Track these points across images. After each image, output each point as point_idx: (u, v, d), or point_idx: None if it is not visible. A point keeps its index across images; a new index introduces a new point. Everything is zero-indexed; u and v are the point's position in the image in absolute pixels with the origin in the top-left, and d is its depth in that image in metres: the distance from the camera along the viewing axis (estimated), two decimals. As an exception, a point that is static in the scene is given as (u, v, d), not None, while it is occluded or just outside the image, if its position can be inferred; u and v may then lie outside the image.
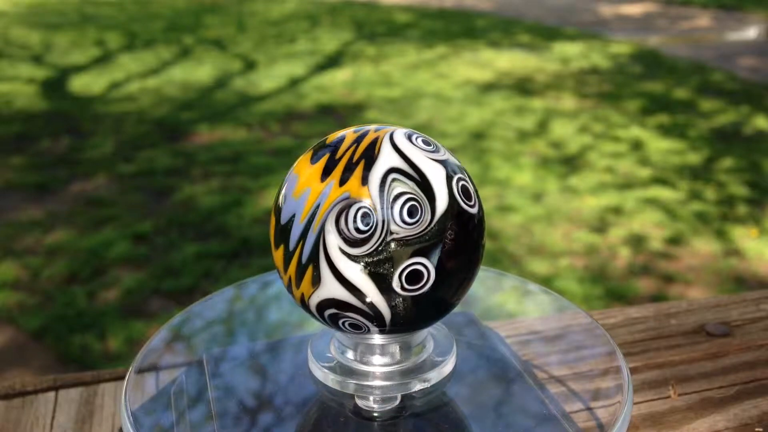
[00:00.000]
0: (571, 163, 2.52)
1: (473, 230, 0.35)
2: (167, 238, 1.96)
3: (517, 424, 0.34)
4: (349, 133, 0.36)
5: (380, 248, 0.33)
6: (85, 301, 1.64)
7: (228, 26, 5.23)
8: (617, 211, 2.14)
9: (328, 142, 0.36)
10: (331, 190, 0.33)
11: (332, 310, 0.34)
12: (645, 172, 2.44)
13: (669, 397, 0.36)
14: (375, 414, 0.35)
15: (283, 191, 0.35)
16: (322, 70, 3.92)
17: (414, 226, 0.33)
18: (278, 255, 0.35)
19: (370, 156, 0.34)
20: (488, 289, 0.46)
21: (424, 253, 0.33)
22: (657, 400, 0.36)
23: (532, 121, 2.99)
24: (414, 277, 0.33)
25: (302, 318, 0.46)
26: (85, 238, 1.95)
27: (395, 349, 0.37)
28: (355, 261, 0.33)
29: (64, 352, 1.46)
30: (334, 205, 0.33)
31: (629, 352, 0.41)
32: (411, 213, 0.33)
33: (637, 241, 1.95)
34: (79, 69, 3.94)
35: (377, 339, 0.36)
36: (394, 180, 0.33)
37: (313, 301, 0.34)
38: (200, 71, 3.89)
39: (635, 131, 2.87)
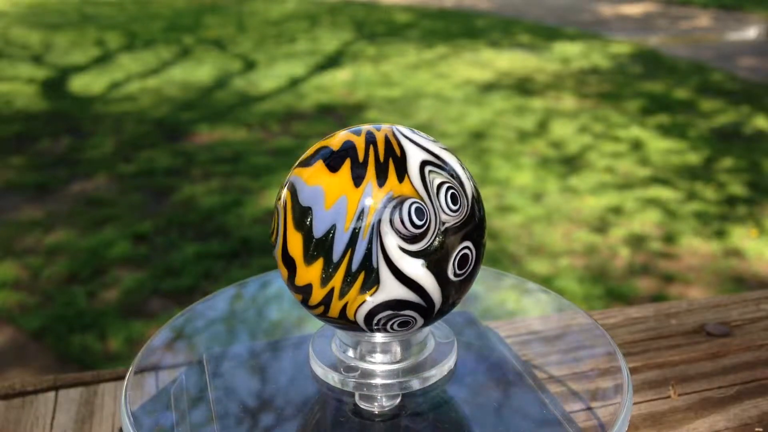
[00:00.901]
0: (571, 163, 2.52)
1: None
2: (167, 238, 1.96)
3: (517, 424, 0.34)
4: (350, 136, 0.35)
5: (437, 240, 0.33)
6: (85, 301, 1.64)
7: (228, 26, 5.23)
8: (617, 211, 2.14)
9: (335, 149, 0.35)
10: (373, 193, 0.33)
11: (386, 313, 0.34)
12: (645, 172, 2.44)
13: (669, 397, 0.36)
14: (375, 413, 0.35)
15: (305, 206, 0.34)
16: (322, 70, 3.92)
17: (458, 212, 0.34)
18: (313, 271, 0.34)
19: (395, 153, 0.34)
20: (488, 289, 0.46)
21: (469, 236, 0.35)
22: (657, 400, 0.36)
23: (532, 121, 2.99)
24: (463, 261, 0.35)
25: (302, 317, 0.46)
26: (85, 238, 1.95)
27: (396, 347, 0.37)
28: (417, 257, 0.33)
29: (64, 352, 1.46)
30: (384, 207, 0.33)
31: (629, 352, 0.41)
32: (454, 200, 0.34)
33: (637, 241, 1.95)
34: (79, 69, 3.94)
35: (379, 337, 0.36)
36: (430, 172, 0.34)
37: (364, 308, 0.34)
38: (200, 71, 3.89)
39: (635, 131, 2.87)
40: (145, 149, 2.68)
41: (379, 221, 0.33)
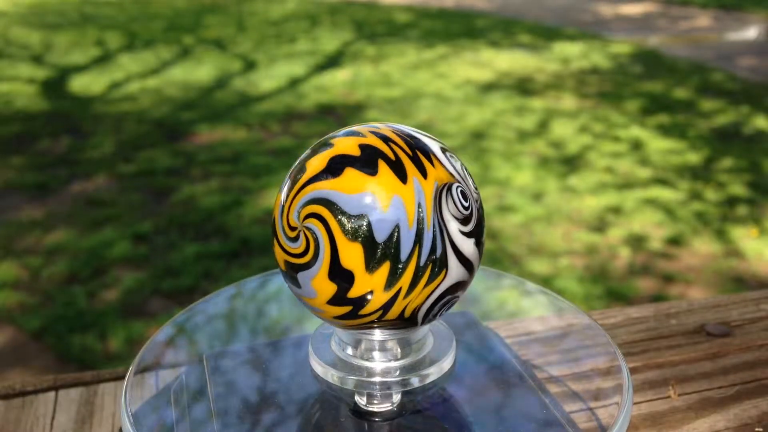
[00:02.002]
0: (571, 163, 2.52)
1: None
2: (167, 238, 1.96)
3: (517, 424, 0.34)
4: (359, 139, 0.35)
5: (478, 218, 0.36)
6: (85, 301, 1.64)
7: (228, 26, 5.23)
8: (617, 211, 2.14)
9: (357, 153, 0.34)
10: (423, 186, 0.34)
11: (445, 299, 0.35)
12: (645, 172, 2.44)
13: (669, 397, 0.36)
14: (375, 412, 0.35)
15: (357, 214, 0.33)
16: (322, 70, 3.92)
17: (478, 190, 0.37)
18: (378, 276, 0.33)
19: (415, 146, 0.35)
20: (488, 290, 0.46)
21: (484, 209, 0.37)
22: (657, 400, 0.36)
23: (532, 121, 2.99)
24: (483, 233, 0.37)
25: (302, 317, 0.46)
26: (85, 238, 1.95)
27: (395, 345, 0.37)
28: (470, 237, 0.35)
29: (64, 352, 1.46)
30: (436, 196, 0.34)
31: (629, 352, 0.41)
32: (473, 180, 0.37)
33: (637, 241, 1.95)
34: (79, 69, 3.94)
35: (378, 335, 0.36)
36: (451, 156, 0.36)
37: (431, 299, 0.34)
38: (200, 71, 3.89)
39: (635, 131, 2.87)
40: (145, 149, 2.68)
41: (439, 210, 0.34)
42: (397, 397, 0.36)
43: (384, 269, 0.33)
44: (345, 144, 0.35)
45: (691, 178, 2.40)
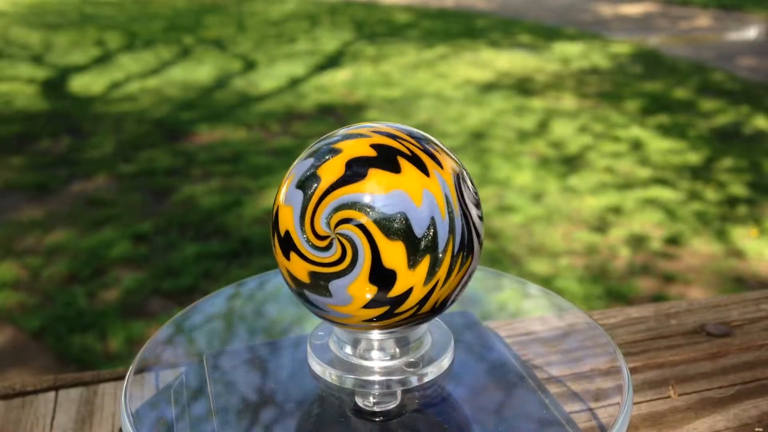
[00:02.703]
0: (571, 163, 2.52)
1: None
2: (167, 238, 1.96)
3: (517, 424, 0.34)
4: (367, 140, 0.35)
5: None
6: (85, 301, 1.64)
7: (228, 26, 5.23)
8: (617, 211, 2.14)
9: (373, 154, 0.34)
10: (444, 177, 0.34)
11: (466, 282, 0.36)
12: (645, 172, 2.44)
13: (669, 397, 0.36)
14: (375, 412, 0.35)
15: (395, 213, 0.33)
16: (322, 70, 3.92)
17: None
18: (419, 272, 0.33)
19: (421, 139, 0.36)
20: (488, 290, 0.46)
21: None
22: (657, 400, 0.36)
23: (532, 121, 2.99)
24: None
25: (301, 316, 0.46)
26: (85, 238, 1.95)
27: (393, 344, 0.37)
28: (482, 220, 0.37)
29: (64, 352, 1.46)
30: (456, 185, 0.35)
31: (629, 352, 0.41)
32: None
33: (637, 241, 1.95)
34: (79, 69, 3.94)
35: (376, 334, 0.36)
36: (448, 147, 0.38)
37: (460, 285, 0.36)
38: (200, 71, 3.89)
39: (635, 131, 2.87)
40: (145, 149, 2.68)
41: (462, 198, 0.35)
42: (397, 399, 0.36)
43: (425, 263, 0.33)
44: (355, 147, 0.34)
45: (691, 178, 2.40)
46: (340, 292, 0.33)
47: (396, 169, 0.33)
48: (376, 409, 0.36)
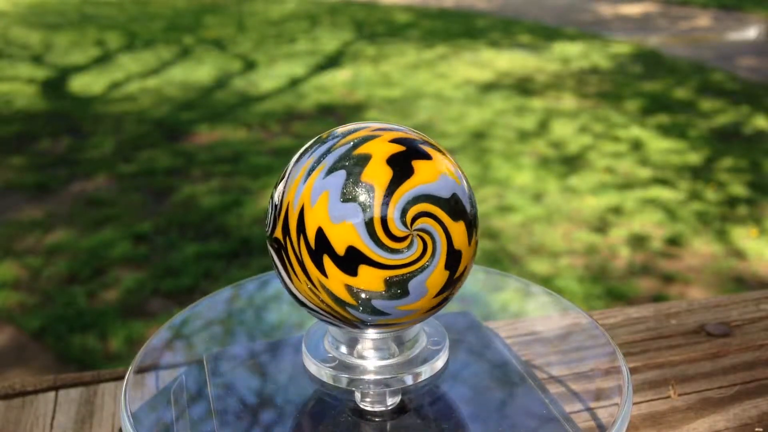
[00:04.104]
0: (571, 163, 2.52)
1: None
2: (167, 238, 1.96)
3: (518, 424, 0.34)
4: (390, 138, 0.34)
5: None
6: (85, 301, 1.64)
7: (228, 26, 5.23)
8: (617, 211, 2.14)
9: (403, 148, 0.34)
10: (454, 157, 0.37)
11: None
12: (645, 172, 2.44)
13: (669, 397, 0.36)
14: (374, 412, 0.35)
15: (451, 195, 0.34)
16: (322, 70, 3.92)
17: None
18: (472, 247, 0.35)
19: (417, 130, 0.37)
20: (488, 290, 0.46)
21: None
22: (657, 400, 0.36)
23: (532, 121, 2.99)
24: None
25: (301, 317, 0.46)
26: (85, 238, 1.95)
27: (388, 343, 0.37)
28: None
29: (64, 352, 1.46)
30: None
31: (629, 352, 0.41)
32: None
33: (637, 241, 1.95)
34: (79, 69, 3.94)
35: (371, 334, 0.36)
36: None
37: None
38: (200, 71, 3.89)
39: (635, 131, 2.87)
40: (145, 149, 2.68)
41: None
42: (396, 397, 0.36)
43: (474, 237, 0.35)
44: (380, 146, 0.34)
45: (691, 178, 2.40)
46: (419, 288, 0.33)
47: (428, 156, 0.34)
48: (375, 409, 0.36)
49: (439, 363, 0.37)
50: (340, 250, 0.33)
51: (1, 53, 4.36)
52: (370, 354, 0.37)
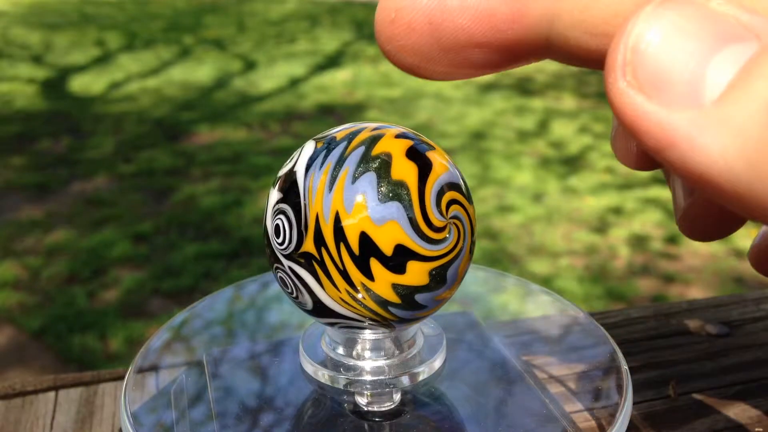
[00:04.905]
0: (571, 163, 2.52)
1: None
2: (167, 238, 1.96)
3: (518, 424, 0.34)
4: (395, 134, 0.35)
5: None
6: (85, 301, 1.64)
7: (228, 26, 5.23)
8: (617, 211, 2.14)
9: (411, 143, 0.35)
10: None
11: None
12: (645, 172, 2.45)
13: (669, 397, 0.36)
14: (375, 413, 0.36)
15: (459, 182, 0.35)
16: (322, 70, 3.92)
17: None
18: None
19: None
20: (488, 290, 0.46)
21: None
22: (657, 400, 0.36)
23: (532, 121, 2.99)
24: None
25: (302, 318, 0.46)
26: (85, 238, 1.95)
27: (386, 344, 0.37)
28: None
29: (64, 352, 1.46)
30: None
31: (629, 352, 0.41)
32: None
33: (637, 241, 1.95)
34: (79, 69, 3.94)
35: (368, 335, 0.36)
36: None
37: None
38: (200, 71, 3.89)
39: (635, 131, 2.87)
40: (145, 149, 2.68)
41: None
42: (397, 397, 0.36)
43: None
44: (393, 144, 0.34)
45: (691, 178, 2.40)
46: (453, 275, 0.34)
47: (431, 146, 0.34)
48: (376, 409, 0.36)
49: (438, 363, 0.37)
50: (388, 250, 0.33)
51: (1, 53, 4.36)
52: (368, 354, 0.37)
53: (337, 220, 0.33)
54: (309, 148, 0.35)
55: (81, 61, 4.11)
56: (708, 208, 0.27)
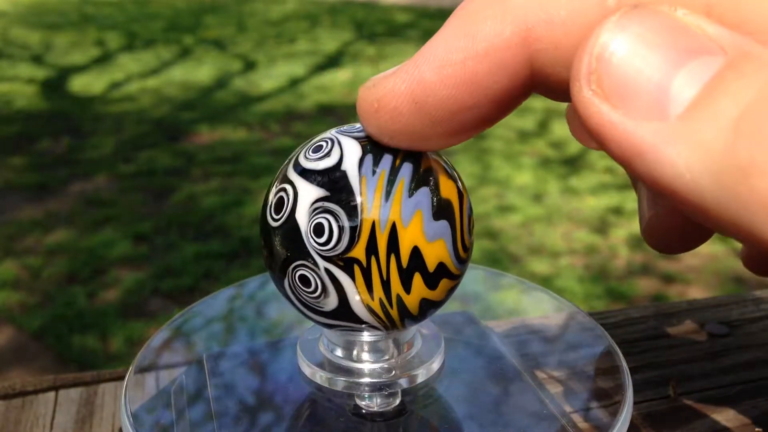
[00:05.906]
0: (571, 163, 2.52)
1: None
2: (167, 238, 1.96)
3: (517, 424, 0.34)
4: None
5: None
6: (85, 301, 1.64)
7: (228, 26, 5.23)
8: (617, 211, 2.14)
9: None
10: None
11: None
12: (645, 172, 2.45)
13: (669, 397, 0.36)
14: (374, 413, 0.36)
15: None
16: (322, 70, 3.92)
17: None
18: None
19: None
20: (488, 289, 0.46)
21: None
22: (657, 400, 0.36)
23: (532, 121, 2.99)
24: None
25: (302, 318, 0.46)
26: (85, 238, 1.95)
27: (384, 345, 0.37)
28: None
29: (64, 352, 1.46)
30: None
31: (629, 352, 0.41)
32: None
33: (637, 241, 1.95)
34: (79, 69, 3.94)
35: (366, 336, 0.36)
36: None
37: None
38: (200, 71, 3.89)
39: (635, 131, 2.87)
40: (145, 149, 2.68)
41: None
42: (395, 399, 0.36)
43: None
44: (425, 159, 0.35)
45: (691, 178, 2.40)
46: (458, 289, 0.35)
47: (447, 162, 0.35)
48: (376, 410, 0.36)
49: (437, 364, 0.37)
50: (432, 266, 0.33)
51: (1, 53, 4.37)
52: (366, 356, 0.37)
53: (393, 231, 0.33)
54: (353, 147, 0.34)
55: (81, 61, 4.11)
56: (671, 219, 0.27)
